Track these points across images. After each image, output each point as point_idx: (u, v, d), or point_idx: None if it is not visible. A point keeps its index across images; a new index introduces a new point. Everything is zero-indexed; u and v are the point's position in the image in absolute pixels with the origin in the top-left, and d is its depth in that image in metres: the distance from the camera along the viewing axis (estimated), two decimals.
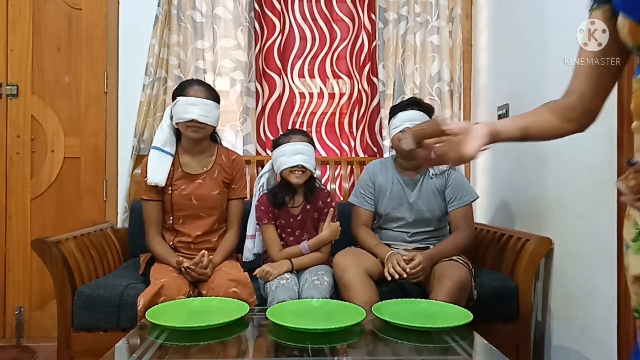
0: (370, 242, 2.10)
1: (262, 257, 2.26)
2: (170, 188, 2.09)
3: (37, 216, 2.72)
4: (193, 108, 2.01)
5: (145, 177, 2.07)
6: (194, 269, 1.93)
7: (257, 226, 2.23)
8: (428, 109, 2.14)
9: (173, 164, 2.10)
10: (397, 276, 1.88)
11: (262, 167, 2.40)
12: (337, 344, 1.38)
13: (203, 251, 1.99)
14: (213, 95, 2.09)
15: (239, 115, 2.80)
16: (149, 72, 2.66)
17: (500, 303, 2.00)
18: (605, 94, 1.01)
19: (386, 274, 1.91)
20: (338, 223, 2.11)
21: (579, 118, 1.02)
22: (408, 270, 1.88)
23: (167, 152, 2.10)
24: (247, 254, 2.26)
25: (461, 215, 2.11)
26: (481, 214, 2.75)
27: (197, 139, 2.08)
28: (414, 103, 2.14)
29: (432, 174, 2.16)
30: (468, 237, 2.09)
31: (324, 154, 2.84)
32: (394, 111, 2.17)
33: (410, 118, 2.08)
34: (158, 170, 2.07)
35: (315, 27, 2.84)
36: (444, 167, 2.13)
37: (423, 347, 1.38)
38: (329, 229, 2.10)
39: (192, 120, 2.02)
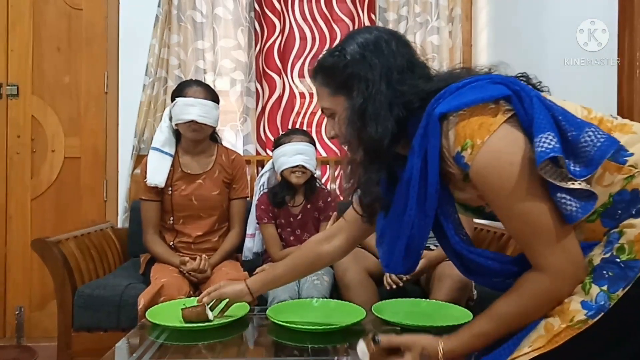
0: (371, 243, 2.11)
1: (262, 257, 2.27)
2: (170, 188, 2.09)
3: (37, 216, 2.72)
4: (192, 109, 2.01)
5: (145, 177, 2.06)
6: (194, 274, 1.94)
7: (257, 225, 2.23)
8: None
9: (173, 165, 2.10)
10: (394, 286, 1.90)
11: (262, 167, 2.40)
12: (337, 344, 1.38)
13: (203, 256, 1.99)
14: (212, 95, 2.09)
15: (239, 115, 2.80)
16: (149, 72, 2.66)
17: None
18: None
19: (385, 283, 1.92)
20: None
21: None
22: (405, 278, 1.91)
23: (166, 153, 2.10)
24: (247, 253, 2.27)
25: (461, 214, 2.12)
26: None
27: (196, 139, 2.08)
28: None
29: None
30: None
31: (324, 154, 2.84)
32: None
33: None
34: (157, 171, 2.07)
35: (315, 27, 2.84)
36: None
37: None
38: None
39: (191, 121, 2.01)
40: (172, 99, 2.09)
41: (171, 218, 2.11)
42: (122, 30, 2.75)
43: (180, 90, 2.07)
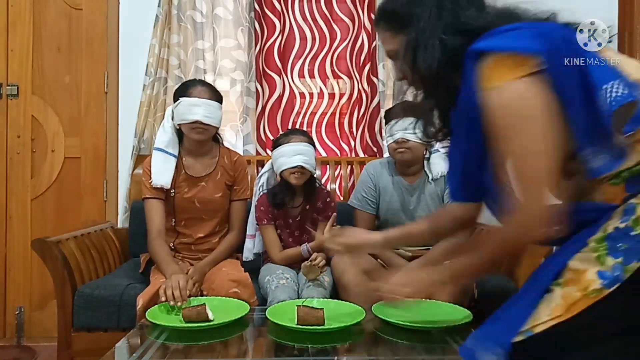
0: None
1: (262, 257, 2.26)
2: (173, 190, 2.06)
3: (37, 216, 2.72)
4: (197, 109, 1.98)
5: (149, 179, 2.02)
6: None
7: (257, 226, 2.23)
8: None
9: (176, 166, 2.07)
10: None
11: (262, 167, 2.40)
12: (337, 344, 1.38)
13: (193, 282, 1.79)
14: (216, 95, 2.07)
15: (239, 115, 2.80)
16: (149, 72, 2.66)
17: (500, 303, 1.99)
18: None
19: None
20: (339, 227, 2.09)
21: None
22: None
23: (170, 154, 2.07)
24: (247, 254, 2.26)
25: None
26: (481, 214, 2.74)
27: (201, 140, 2.06)
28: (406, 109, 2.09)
29: (432, 179, 2.15)
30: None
31: (324, 154, 2.84)
32: (387, 117, 2.16)
33: (404, 127, 2.05)
34: (163, 172, 2.03)
35: (315, 27, 2.84)
36: (443, 171, 2.12)
37: (423, 347, 1.38)
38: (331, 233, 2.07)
39: (196, 122, 1.99)
40: (175, 99, 2.05)
41: (173, 220, 2.10)
42: (122, 30, 2.75)
43: (184, 90, 2.03)
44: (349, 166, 2.79)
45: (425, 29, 1.05)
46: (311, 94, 2.86)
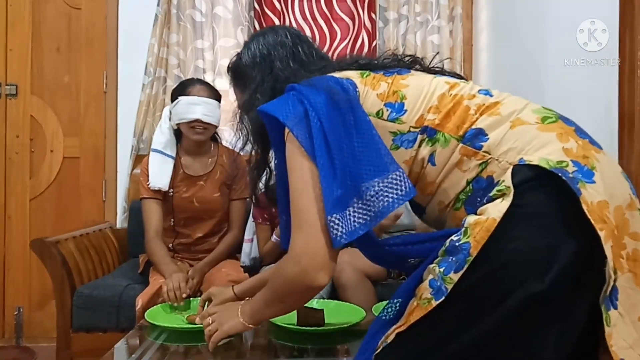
0: None
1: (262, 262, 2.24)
2: (171, 190, 2.05)
3: (36, 216, 2.72)
4: (196, 107, 1.97)
5: (147, 181, 2.01)
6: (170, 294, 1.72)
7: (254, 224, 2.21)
8: None
9: (174, 166, 2.06)
10: None
11: None
12: (337, 344, 1.38)
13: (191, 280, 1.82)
14: (215, 94, 2.06)
15: (238, 115, 2.79)
16: (148, 72, 2.65)
17: None
18: None
19: None
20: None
21: None
22: None
23: (168, 155, 2.06)
24: (244, 258, 2.21)
25: None
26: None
27: (200, 141, 2.04)
28: None
29: None
30: None
31: None
32: None
33: None
34: (160, 174, 2.02)
35: (315, 26, 2.84)
36: None
37: None
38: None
39: (195, 120, 1.98)
40: (173, 98, 2.04)
41: (172, 220, 2.09)
42: (122, 30, 2.74)
43: (182, 89, 2.02)
44: None
45: (255, 90, 1.16)
46: None
